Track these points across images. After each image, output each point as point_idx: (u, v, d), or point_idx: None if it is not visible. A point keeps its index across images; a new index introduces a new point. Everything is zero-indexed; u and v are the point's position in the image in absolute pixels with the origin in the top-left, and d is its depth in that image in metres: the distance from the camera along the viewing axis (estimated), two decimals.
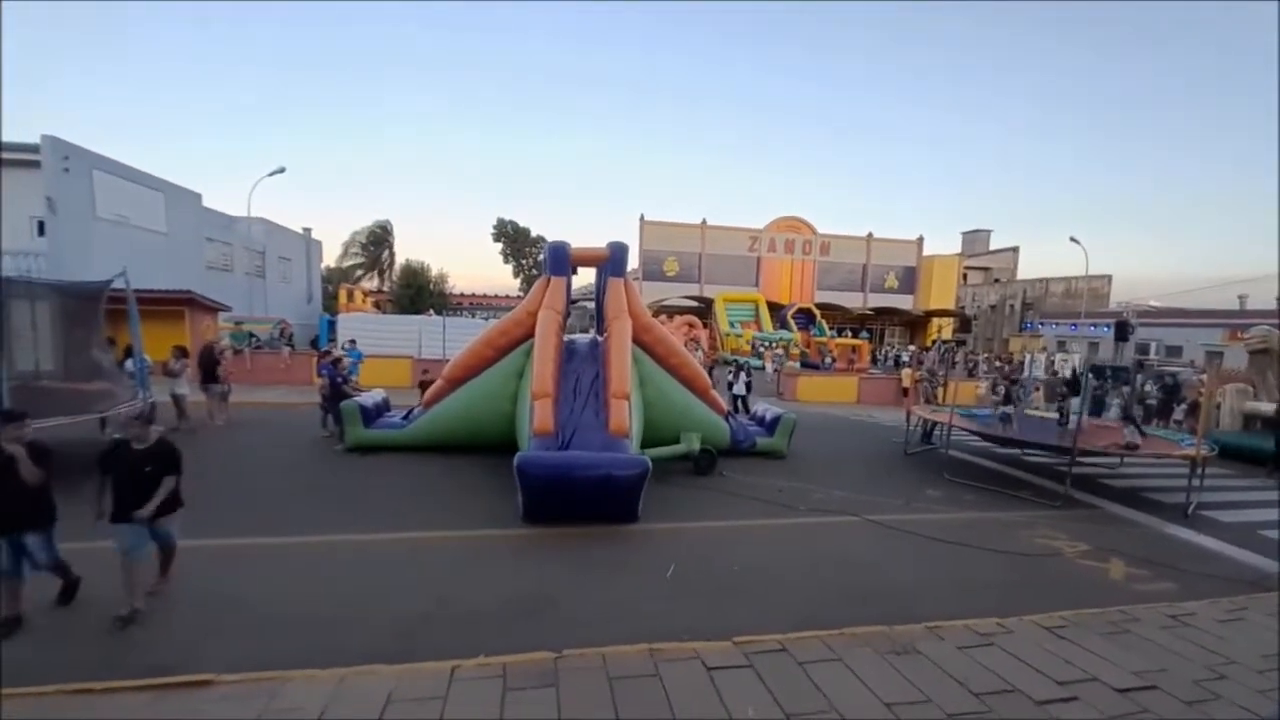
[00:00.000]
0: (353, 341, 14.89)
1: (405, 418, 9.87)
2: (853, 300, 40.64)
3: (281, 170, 24.78)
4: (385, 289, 45.14)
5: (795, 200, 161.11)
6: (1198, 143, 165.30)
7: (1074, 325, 38.67)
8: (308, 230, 32.72)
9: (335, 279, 42.44)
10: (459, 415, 9.26)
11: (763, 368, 23.40)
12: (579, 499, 6.49)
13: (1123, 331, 23.15)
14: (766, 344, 28.52)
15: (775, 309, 34.83)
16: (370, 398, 10.08)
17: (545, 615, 4.55)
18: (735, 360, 20.38)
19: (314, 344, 22.99)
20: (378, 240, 46.91)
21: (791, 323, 33.48)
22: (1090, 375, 12.65)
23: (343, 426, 9.36)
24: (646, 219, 37.90)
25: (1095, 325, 36.96)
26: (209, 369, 10.71)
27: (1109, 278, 46.39)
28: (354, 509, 6.80)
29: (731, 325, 32.48)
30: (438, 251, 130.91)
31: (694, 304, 36.40)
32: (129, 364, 9.76)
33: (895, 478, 9.46)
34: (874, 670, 3.76)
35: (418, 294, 42.21)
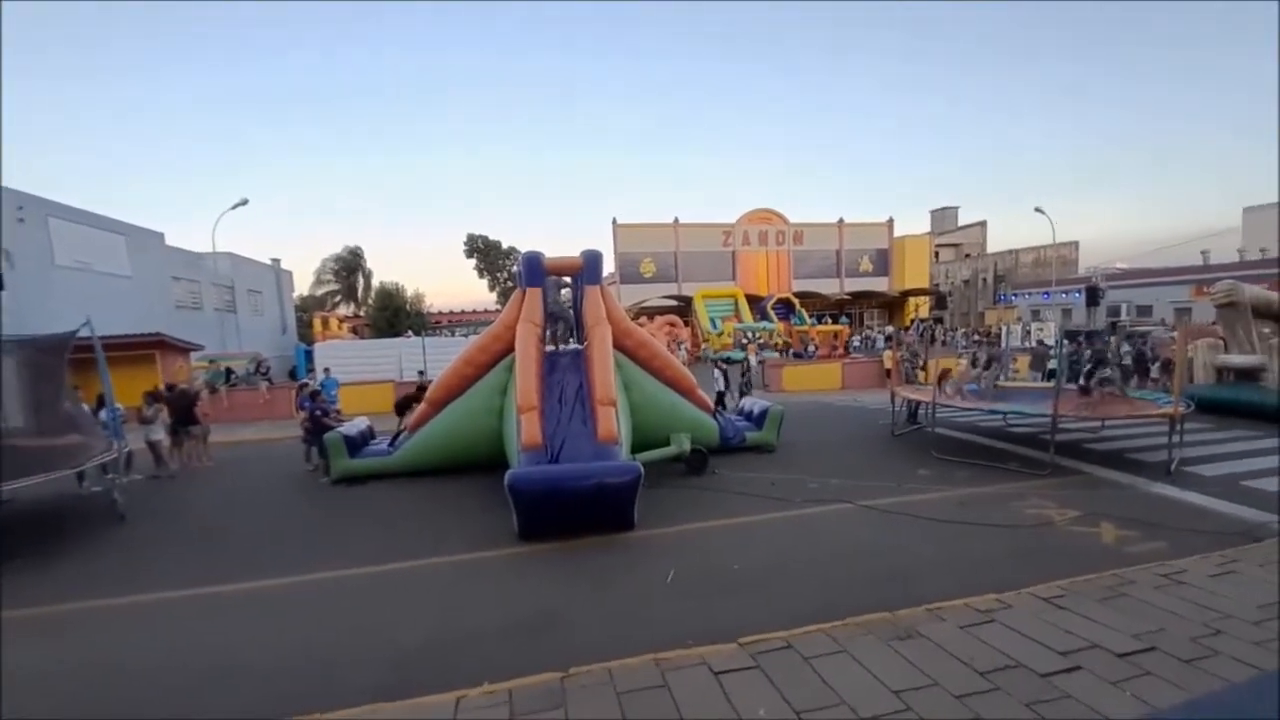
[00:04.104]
0: (326, 370, 14.70)
1: (391, 444, 9.74)
2: (830, 286, 41.04)
3: (244, 203, 24.39)
4: (361, 314, 44.65)
5: (765, 192, 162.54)
6: (1150, 103, 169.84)
7: (1046, 294, 39.48)
8: (276, 261, 32.26)
9: (310, 307, 41.89)
10: (445, 436, 9.16)
11: (744, 360, 23.46)
12: (574, 511, 6.45)
13: (1093, 296, 23.70)
14: (748, 336, 28.64)
15: (754, 301, 35.02)
16: (354, 426, 9.93)
17: (549, 633, 4.50)
18: (719, 357, 20.45)
19: (292, 375, 22.66)
20: (350, 266, 46.44)
21: (771, 313, 33.68)
22: (1064, 341, 12.91)
23: (328, 459, 9.20)
24: (619, 222, 37.91)
25: (1066, 292, 37.74)
26: (184, 412, 10.45)
27: (1076, 244, 47.49)
28: (344, 542, 6.68)
29: (712, 322, 32.57)
30: (412, 272, 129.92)
31: (673, 303, 36.47)
32: (103, 414, 9.51)
33: (885, 460, 9.54)
34: (880, 658, 3.77)
35: (395, 316, 41.89)
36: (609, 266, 30.26)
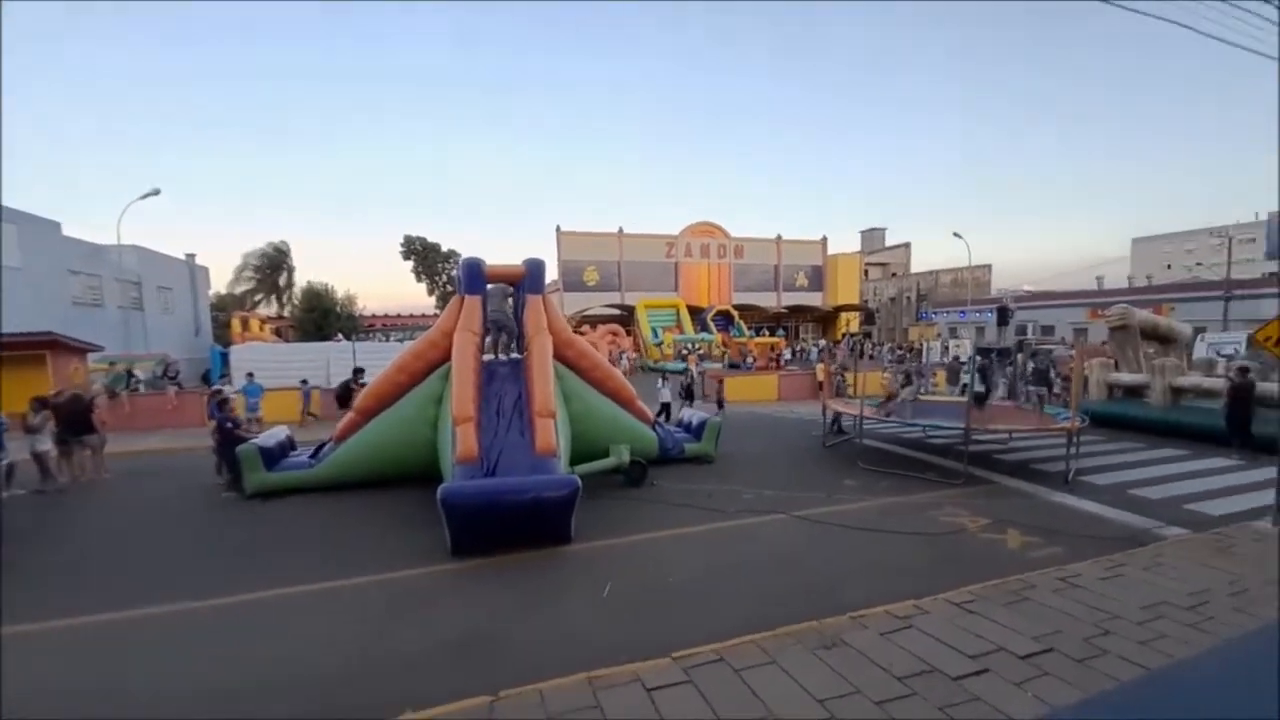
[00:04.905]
0: (250, 375, 13.83)
1: (314, 455, 9.25)
2: (768, 300, 42.28)
3: (156, 192, 22.67)
4: (286, 314, 42.29)
5: (706, 205, 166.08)
6: (1054, 137, 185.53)
7: (963, 313, 42.05)
8: (191, 256, 30.13)
9: (228, 306, 39.29)
10: (375, 447, 8.78)
11: (686, 370, 23.79)
12: (509, 526, 6.32)
13: (1003, 316, 25.47)
14: (689, 347, 29.06)
15: (695, 312, 35.62)
16: (272, 436, 9.35)
17: (480, 654, 4.38)
18: (658, 368, 20.63)
19: (205, 379, 21.18)
20: (274, 263, 43.93)
21: (711, 325, 34.34)
22: (977, 356, 13.81)
23: (237, 474, 8.60)
24: (563, 229, 37.71)
25: (980, 311, 40.37)
26: (77, 419, 9.54)
27: (989, 267, 50.91)
28: (260, 562, 6.28)
29: (654, 332, 32.86)
30: (344, 272, 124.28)
31: (616, 312, 36.55)
32: None
33: (817, 471, 9.89)
34: (805, 668, 3.89)
35: (323, 318, 39.88)
36: (552, 273, 30.06)
